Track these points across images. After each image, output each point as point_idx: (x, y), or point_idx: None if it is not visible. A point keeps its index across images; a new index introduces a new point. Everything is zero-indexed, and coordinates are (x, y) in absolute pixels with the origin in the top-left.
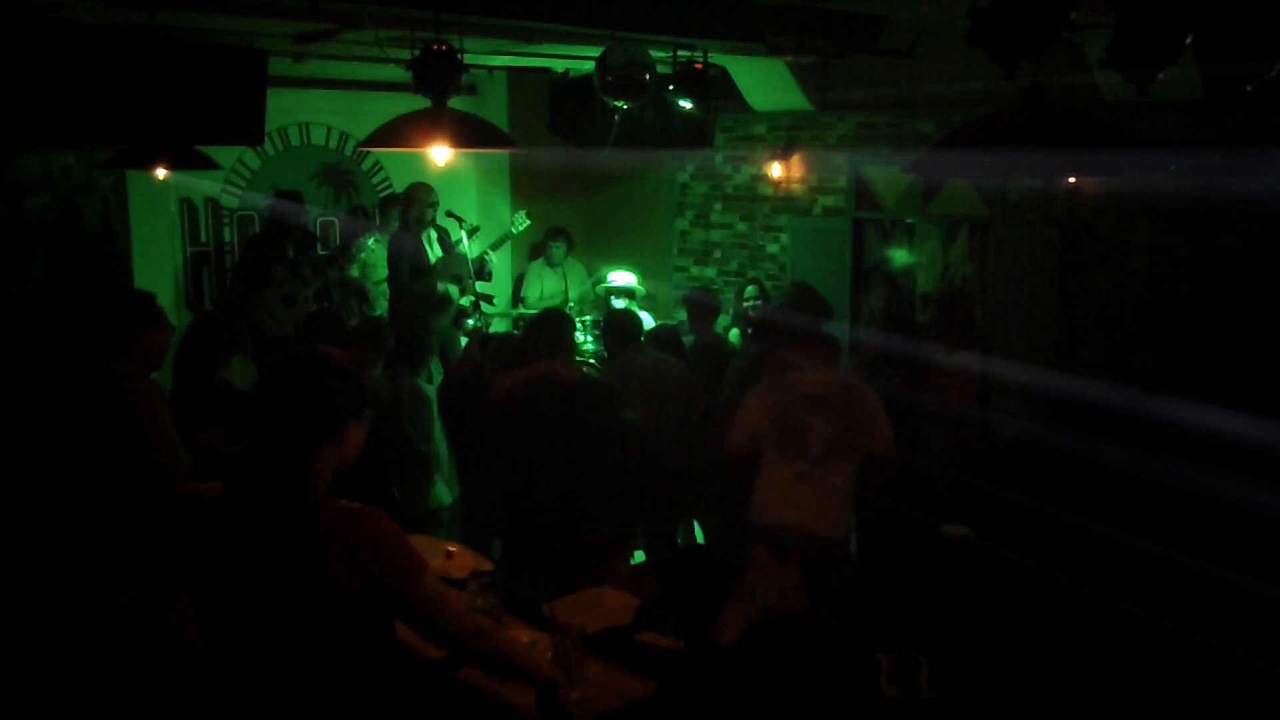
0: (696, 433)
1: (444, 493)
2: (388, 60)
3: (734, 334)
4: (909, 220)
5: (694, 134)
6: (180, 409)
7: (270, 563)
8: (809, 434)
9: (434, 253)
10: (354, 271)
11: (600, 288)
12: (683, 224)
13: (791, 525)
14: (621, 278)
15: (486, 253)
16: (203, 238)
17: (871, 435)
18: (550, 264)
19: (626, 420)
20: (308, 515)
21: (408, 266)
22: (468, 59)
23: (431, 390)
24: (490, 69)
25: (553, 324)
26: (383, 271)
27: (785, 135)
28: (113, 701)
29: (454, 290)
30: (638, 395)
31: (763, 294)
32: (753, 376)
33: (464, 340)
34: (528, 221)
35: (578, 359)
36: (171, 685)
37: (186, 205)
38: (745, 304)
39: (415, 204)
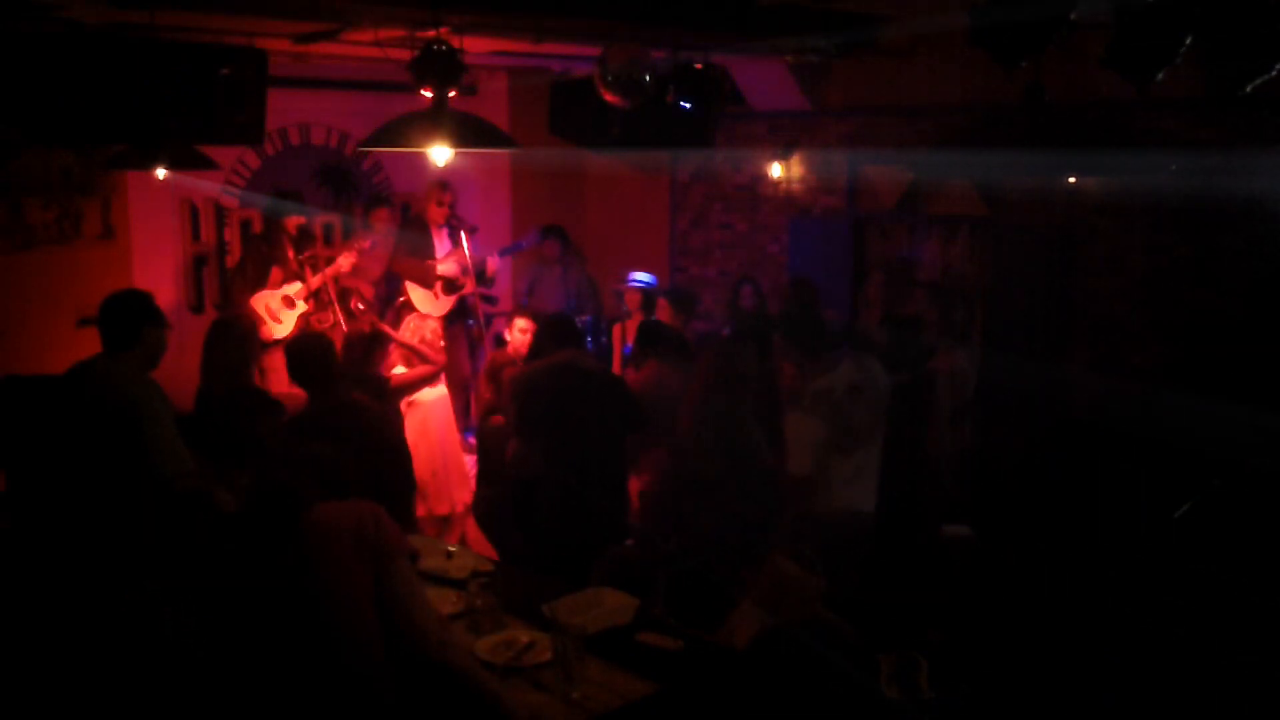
0: None
1: None
2: (388, 60)
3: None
4: (909, 220)
5: (694, 134)
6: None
7: (274, 557)
8: (858, 424)
9: (443, 248)
10: None
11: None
12: (682, 224)
13: (844, 508)
14: (642, 276)
15: (492, 255)
16: (202, 238)
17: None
18: (545, 263)
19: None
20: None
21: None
22: (467, 59)
23: None
24: (490, 69)
25: (564, 325)
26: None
27: (785, 135)
28: (113, 701)
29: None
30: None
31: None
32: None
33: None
34: (535, 242)
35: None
36: (171, 685)
37: (186, 205)
38: None
39: (427, 200)
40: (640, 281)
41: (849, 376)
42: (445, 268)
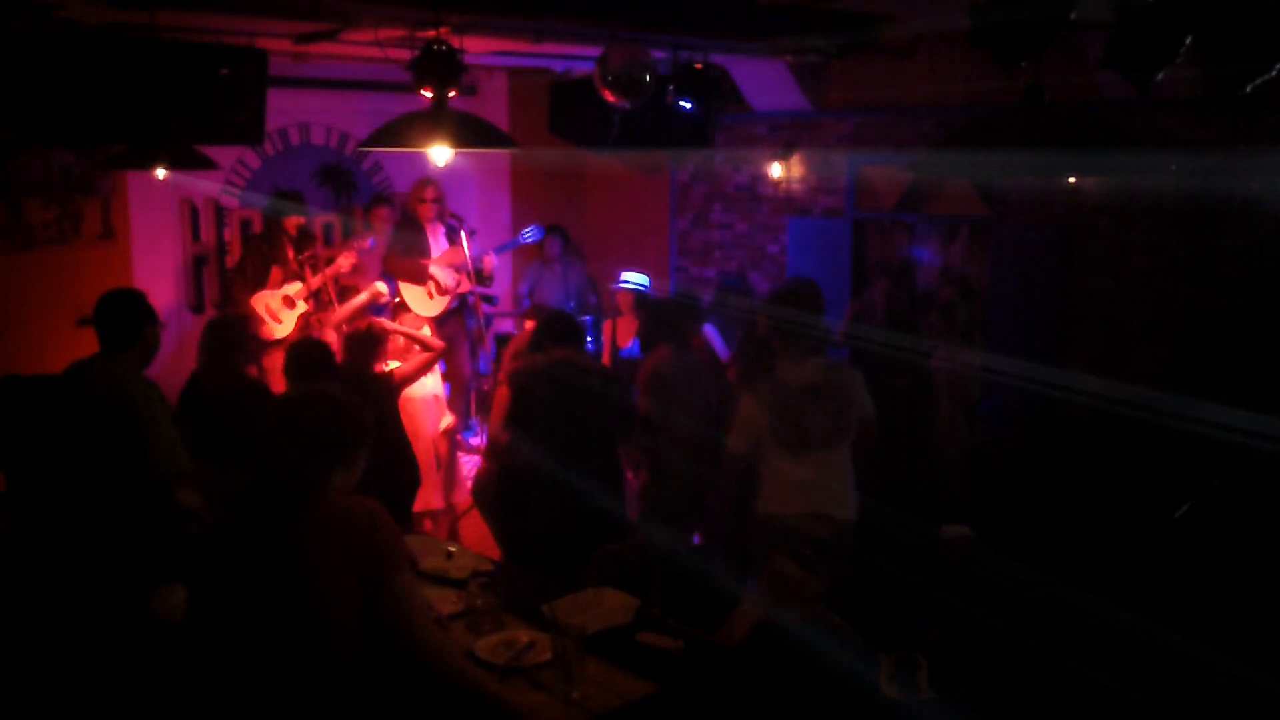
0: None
1: None
2: (388, 60)
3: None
4: (909, 220)
5: (694, 134)
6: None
7: (269, 559)
8: (811, 425)
9: (439, 246)
10: None
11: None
12: (682, 224)
13: (804, 512)
14: (634, 278)
15: (489, 254)
16: (202, 238)
17: (861, 408)
18: (546, 262)
19: (642, 414)
20: (309, 511)
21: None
22: (467, 59)
23: None
24: (490, 69)
25: (564, 322)
26: None
27: (785, 135)
28: (111, 698)
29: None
30: (674, 390)
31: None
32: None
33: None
34: (538, 235)
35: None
36: (168, 683)
37: (186, 205)
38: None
39: (413, 197)
40: (632, 284)
41: (811, 376)
42: (436, 269)
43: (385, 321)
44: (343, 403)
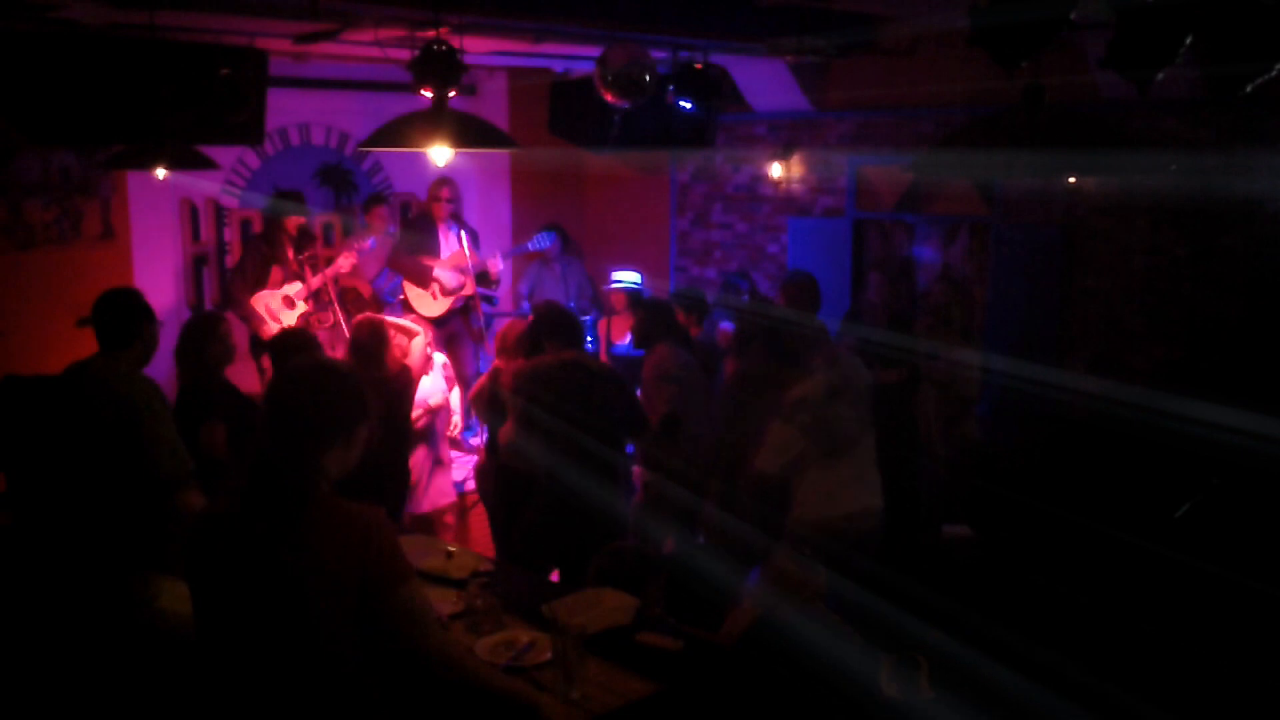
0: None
1: None
2: (388, 60)
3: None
4: (909, 220)
5: (694, 134)
6: (187, 410)
7: (264, 553)
8: (844, 425)
9: (449, 247)
10: None
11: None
12: (682, 224)
13: (851, 511)
14: (627, 277)
15: (495, 257)
16: (202, 238)
17: (869, 383)
18: (546, 262)
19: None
20: (307, 507)
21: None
22: (467, 59)
23: None
24: (490, 69)
25: (567, 322)
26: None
27: (785, 135)
28: (112, 698)
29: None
30: (683, 388)
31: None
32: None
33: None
34: (548, 243)
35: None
36: (166, 680)
37: (186, 205)
38: None
39: (429, 196)
40: (624, 283)
41: (825, 380)
42: (441, 272)
43: (380, 318)
44: (342, 375)
